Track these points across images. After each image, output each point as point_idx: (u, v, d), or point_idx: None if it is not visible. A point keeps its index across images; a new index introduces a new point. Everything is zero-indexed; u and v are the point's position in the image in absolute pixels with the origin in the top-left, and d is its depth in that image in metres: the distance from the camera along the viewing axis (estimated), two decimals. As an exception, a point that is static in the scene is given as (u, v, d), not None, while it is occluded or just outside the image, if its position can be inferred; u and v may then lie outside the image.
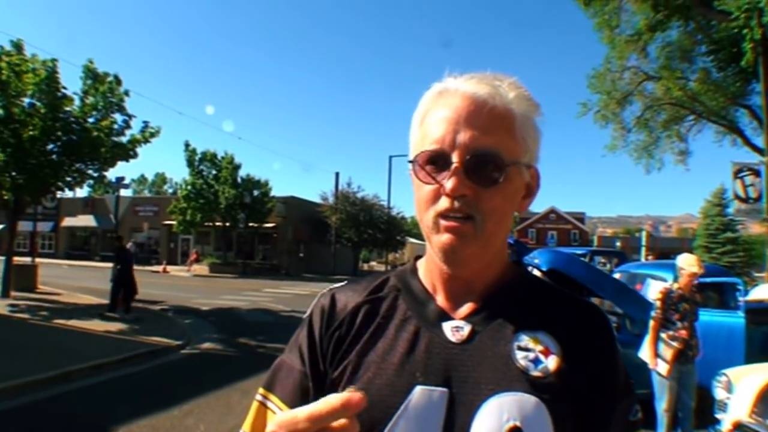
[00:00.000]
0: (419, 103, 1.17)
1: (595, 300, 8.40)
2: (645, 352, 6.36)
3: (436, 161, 1.06)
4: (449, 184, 1.03)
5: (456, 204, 1.03)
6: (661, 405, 6.18)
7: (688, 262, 6.28)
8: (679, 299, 6.18)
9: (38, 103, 17.54)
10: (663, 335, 6.21)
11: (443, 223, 1.05)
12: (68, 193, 28.55)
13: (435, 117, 1.09)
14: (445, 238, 1.05)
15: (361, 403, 0.77)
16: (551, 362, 1.04)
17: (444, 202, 1.04)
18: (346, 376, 1.08)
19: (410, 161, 1.12)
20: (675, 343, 6.12)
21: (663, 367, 6.16)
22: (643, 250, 38.83)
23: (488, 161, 1.05)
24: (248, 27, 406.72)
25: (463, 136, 1.04)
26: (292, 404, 1.08)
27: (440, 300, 1.14)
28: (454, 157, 1.03)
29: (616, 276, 10.34)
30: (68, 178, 19.23)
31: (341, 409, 0.76)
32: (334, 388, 1.09)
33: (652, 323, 6.27)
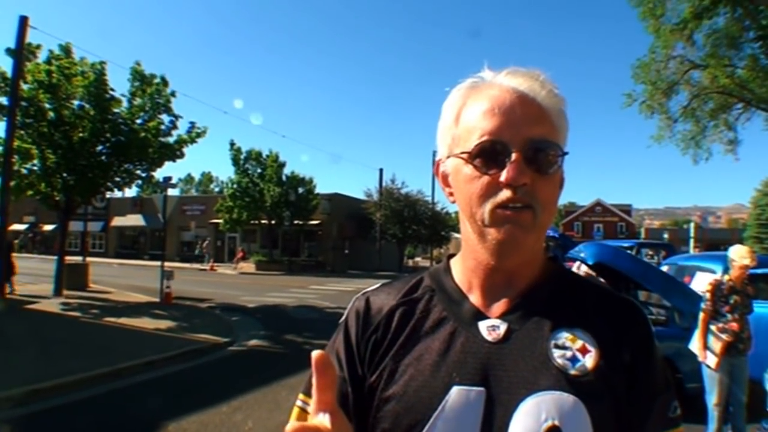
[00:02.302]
0: (450, 98, 1.16)
1: (642, 293, 8.29)
2: (695, 345, 6.25)
3: (489, 153, 1.04)
4: (510, 173, 1.01)
5: (517, 194, 1.02)
6: (712, 399, 6.07)
7: (740, 254, 6.15)
8: (730, 291, 6.06)
9: (87, 106, 17.92)
10: (713, 327, 6.10)
11: (503, 213, 1.03)
12: (117, 194, 29.23)
13: (478, 110, 1.08)
14: (506, 229, 1.03)
15: None
16: (589, 360, 1.03)
17: (504, 193, 1.03)
18: (384, 380, 1.08)
19: (453, 156, 1.12)
20: (725, 336, 5.99)
21: (712, 360, 6.05)
22: (692, 242, 38.16)
23: (545, 150, 1.05)
24: (288, 24, 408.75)
25: (518, 127, 1.04)
26: None
27: (474, 298, 1.13)
28: (513, 147, 1.03)
29: (664, 269, 10.18)
30: (117, 179, 19.66)
31: None
32: (372, 392, 1.09)
33: (701, 315, 6.16)
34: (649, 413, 1.06)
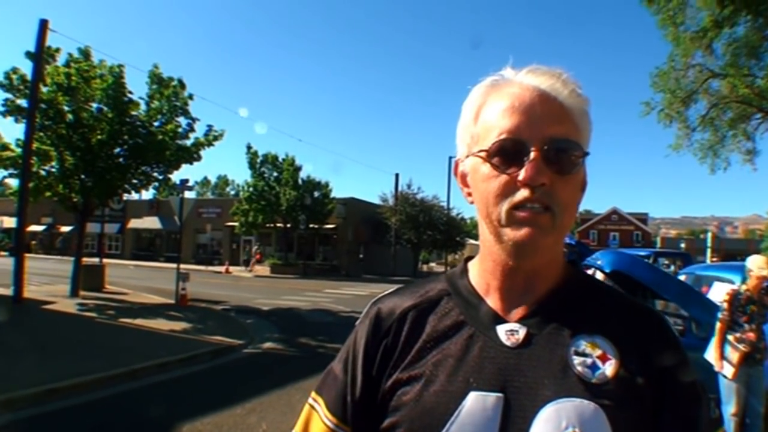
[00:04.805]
0: (470, 96, 1.14)
1: (659, 303, 8.24)
2: (711, 355, 6.21)
3: (507, 152, 1.02)
4: (528, 172, 0.99)
5: (535, 194, 1.00)
6: (729, 409, 6.02)
7: (757, 264, 6.12)
8: (747, 301, 6.03)
9: (106, 108, 18.05)
10: (730, 337, 6.06)
11: (520, 214, 1.00)
12: (134, 196, 29.36)
13: (497, 108, 1.06)
14: (524, 230, 1.01)
15: None
16: (609, 368, 1.01)
17: (522, 193, 1.00)
18: (399, 385, 1.08)
19: (472, 155, 1.10)
20: (742, 346, 5.96)
21: (729, 370, 6.01)
22: (709, 252, 37.85)
23: (566, 149, 1.03)
24: (305, 31, 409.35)
25: (538, 125, 1.02)
26: (335, 410, 1.13)
27: (492, 302, 1.11)
28: (532, 146, 1.00)
29: (682, 278, 10.11)
30: (134, 181, 19.77)
31: None
32: (386, 397, 1.08)
33: (718, 325, 6.12)
34: (698, 418, 1.04)
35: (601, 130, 1.14)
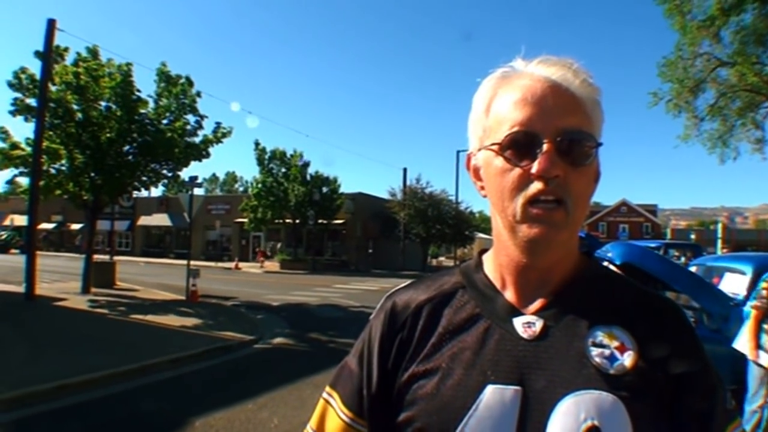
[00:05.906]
0: (481, 89, 1.12)
1: (670, 294, 8.22)
2: (743, 343, 6.16)
3: (520, 144, 1.01)
4: (542, 164, 0.98)
5: (549, 186, 0.99)
6: (757, 400, 5.97)
7: None
8: None
9: (114, 106, 18.14)
10: (765, 326, 6.03)
11: (534, 211, 0.99)
12: (144, 193, 29.52)
13: (509, 100, 1.05)
14: (537, 227, 1.00)
15: None
16: (627, 359, 1.00)
17: (536, 186, 0.99)
18: (415, 379, 1.07)
19: (484, 148, 1.09)
20: None
21: (765, 359, 5.97)
22: (719, 243, 37.62)
23: (579, 140, 1.02)
24: (312, 27, 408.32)
25: (550, 117, 1.00)
26: (351, 404, 1.13)
27: (509, 294, 1.10)
28: (545, 138, 0.99)
29: (693, 269, 10.08)
30: (144, 178, 19.89)
31: None
32: (403, 390, 1.08)
33: (754, 313, 6.05)
34: (714, 409, 1.02)
35: (609, 121, 1.13)
